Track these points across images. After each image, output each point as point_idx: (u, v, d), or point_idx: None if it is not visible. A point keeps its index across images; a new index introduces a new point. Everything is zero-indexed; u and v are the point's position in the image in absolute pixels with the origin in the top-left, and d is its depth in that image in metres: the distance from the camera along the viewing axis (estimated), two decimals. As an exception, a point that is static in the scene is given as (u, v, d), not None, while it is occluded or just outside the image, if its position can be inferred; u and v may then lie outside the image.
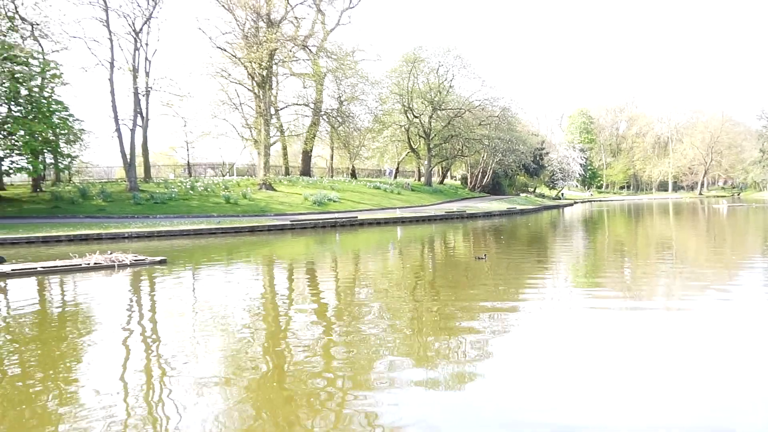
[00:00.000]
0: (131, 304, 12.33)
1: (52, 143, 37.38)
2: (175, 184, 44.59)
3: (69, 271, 16.08)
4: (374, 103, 59.60)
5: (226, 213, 36.32)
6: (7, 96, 35.59)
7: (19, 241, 25.31)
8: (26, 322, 10.64)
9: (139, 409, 6.19)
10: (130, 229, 28.22)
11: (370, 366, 7.57)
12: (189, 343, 8.79)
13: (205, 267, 18.27)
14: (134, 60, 42.88)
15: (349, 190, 49.09)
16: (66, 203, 36.67)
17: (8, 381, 7.30)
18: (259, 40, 43.58)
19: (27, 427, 5.79)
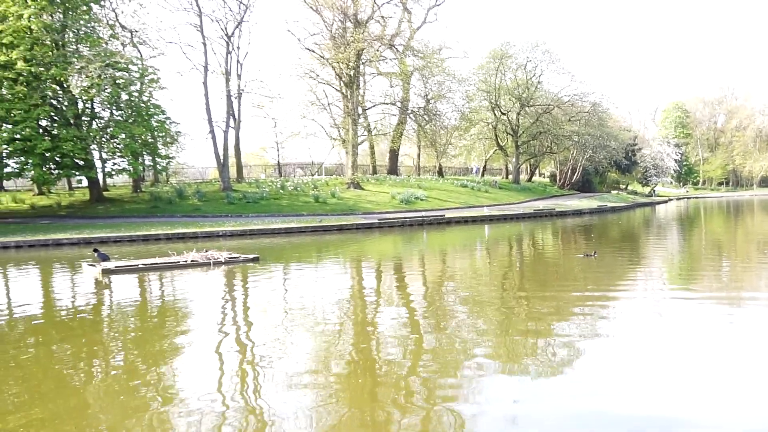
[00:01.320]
0: (225, 301, 12.61)
1: (150, 145, 39.18)
2: (266, 183, 45.75)
3: (168, 268, 16.67)
4: (461, 100, 59.12)
5: (315, 212, 36.86)
6: (109, 101, 37.60)
7: (121, 240, 26.61)
8: (129, 316, 11.05)
9: (233, 402, 6.27)
10: (224, 227, 29.11)
11: (457, 364, 7.40)
12: (280, 338, 8.85)
13: (296, 265, 18.51)
14: (227, 63, 44.31)
15: (436, 189, 48.83)
16: (164, 203, 38.30)
17: (112, 373, 7.54)
18: (347, 41, 44.02)
19: (129, 418, 5.92)
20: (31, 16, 33.17)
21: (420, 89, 55.20)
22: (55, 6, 34.93)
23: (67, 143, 33.71)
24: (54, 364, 7.98)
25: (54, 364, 7.95)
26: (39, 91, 33.89)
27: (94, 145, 37.55)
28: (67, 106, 36.17)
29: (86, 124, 37.64)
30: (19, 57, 32.54)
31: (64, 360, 8.17)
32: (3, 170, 35.85)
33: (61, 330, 10.08)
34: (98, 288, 14.40)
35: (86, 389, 6.92)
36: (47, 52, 34.46)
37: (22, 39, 33.54)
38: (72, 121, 35.90)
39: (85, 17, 38.03)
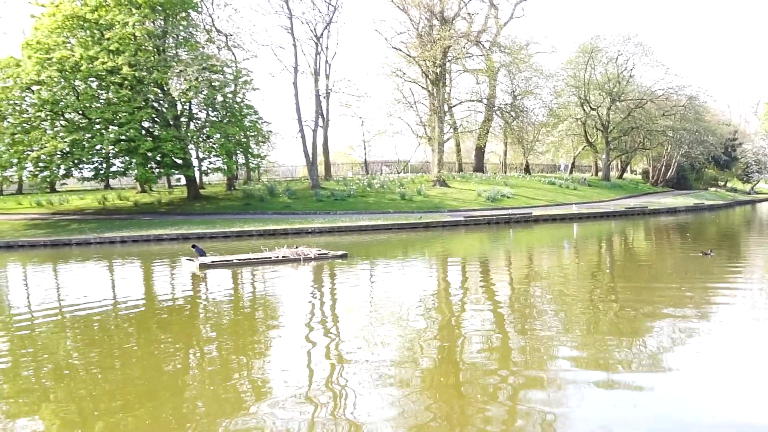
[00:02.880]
0: (314, 296, 12.99)
1: (243, 145, 40.65)
2: (353, 181, 46.47)
3: (260, 263, 17.33)
4: (549, 96, 57.87)
5: (402, 209, 37.13)
6: (206, 103, 39.29)
7: (216, 236, 27.81)
8: (223, 310, 11.61)
9: (321, 396, 6.48)
10: (313, 224, 29.86)
11: (543, 364, 7.36)
12: (366, 334, 9.05)
13: (383, 261, 18.79)
14: (315, 64, 45.31)
15: (523, 186, 48.10)
16: (256, 200, 39.66)
17: (208, 363, 7.98)
18: (433, 38, 44.05)
19: (223, 406, 6.28)
20: (135, 23, 35.11)
21: (507, 85, 54.52)
22: (157, 13, 36.82)
23: (167, 143, 35.51)
24: (153, 353, 8.51)
25: (153, 354, 8.48)
26: (142, 94, 35.85)
27: (192, 145, 39.33)
28: (167, 108, 38.09)
29: (184, 125, 39.50)
30: (124, 62, 34.53)
31: (162, 350, 8.69)
32: (110, 169, 38.15)
33: (160, 321, 10.72)
34: (195, 282, 15.16)
35: (182, 379, 7.36)
36: (149, 57, 36.41)
37: (127, 45, 35.57)
38: (171, 123, 37.79)
39: (184, 23, 39.91)
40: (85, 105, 35.16)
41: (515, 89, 53.86)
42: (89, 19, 36.14)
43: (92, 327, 10.31)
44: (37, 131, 35.07)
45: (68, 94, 35.49)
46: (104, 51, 35.10)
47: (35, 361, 8.25)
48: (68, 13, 35.99)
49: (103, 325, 10.49)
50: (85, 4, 36.38)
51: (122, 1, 36.16)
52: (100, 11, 36.19)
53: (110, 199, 42.13)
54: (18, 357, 8.51)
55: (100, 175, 39.74)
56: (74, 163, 35.52)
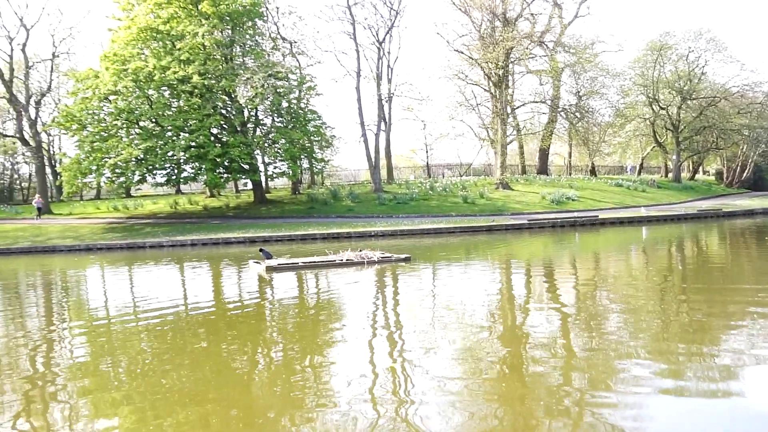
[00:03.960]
0: (378, 299, 13.17)
1: (307, 149, 41.43)
2: (416, 185, 46.62)
3: (325, 266, 17.67)
4: (615, 96, 56.47)
5: (464, 212, 37.02)
6: (271, 109, 40.27)
7: (282, 239, 28.46)
8: (288, 312, 11.93)
9: (383, 399, 6.59)
10: (376, 227, 30.15)
11: (610, 369, 7.23)
12: (429, 337, 9.13)
13: (445, 265, 18.83)
14: (378, 68, 45.73)
15: (589, 188, 47.10)
16: (320, 204, 40.32)
17: (273, 363, 8.26)
18: (495, 40, 43.75)
19: (287, 406, 6.49)
20: (204, 33, 36.33)
21: (571, 86, 53.52)
22: (225, 23, 37.99)
23: (235, 149, 36.58)
24: (221, 353, 8.84)
25: (221, 354, 8.81)
26: (211, 102, 37.06)
27: (258, 150, 40.37)
28: (234, 115, 39.24)
29: (251, 131, 40.59)
30: (194, 71, 35.78)
31: (230, 350, 9.01)
32: (181, 175, 39.57)
33: (228, 322, 11.11)
34: (261, 284, 15.60)
35: (249, 378, 7.63)
36: (218, 65, 37.60)
37: (197, 55, 36.84)
38: (239, 129, 38.89)
39: (250, 32, 41.05)
40: (158, 113, 36.61)
41: (580, 89, 52.84)
42: (162, 30, 37.62)
43: (164, 326, 10.79)
44: (113, 139, 36.73)
45: (142, 103, 37.03)
46: (176, 61, 36.47)
47: (112, 358, 8.71)
48: (142, 26, 37.56)
49: (175, 324, 10.97)
50: (158, 17, 37.87)
51: (192, 13, 37.50)
52: (172, 23, 37.62)
53: (181, 204, 43.69)
54: (97, 354, 9.01)
55: (172, 181, 41.27)
56: (148, 169, 37.02)
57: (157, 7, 38.04)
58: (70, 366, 8.45)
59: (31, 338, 10.46)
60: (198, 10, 37.51)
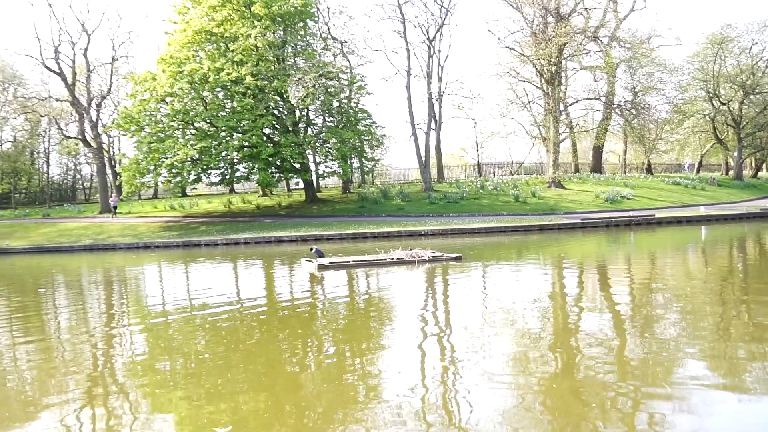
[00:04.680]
0: (428, 298, 13.15)
1: (358, 149, 41.68)
2: (466, 183, 46.37)
3: (375, 264, 17.74)
4: (673, 91, 54.81)
5: (515, 211, 36.61)
6: (322, 108, 40.67)
7: (333, 237, 28.70)
8: (339, 310, 12.02)
9: (432, 399, 6.57)
10: (426, 227, 30.10)
11: (666, 371, 7.03)
12: (479, 337, 9.07)
13: (496, 264, 18.67)
14: (428, 66, 45.63)
15: (645, 187, 45.95)
16: (370, 203, 40.50)
17: (324, 360, 8.34)
18: (548, 36, 43.10)
19: (336, 401, 6.55)
20: (257, 35, 36.94)
21: (627, 82, 52.24)
22: (277, 24, 38.54)
23: (287, 149, 37.07)
24: (273, 349, 8.97)
25: (273, 350, 8.94)
26: (263, 102, 37.65)
27: (309, 150, 40.83)
28: (286, 115, 39.77)
29: (302, 131, 41.08)
30: (247, 73, 36.42)
31: (282, 346, 9.14)
32: (234, 174, 40.37)
33: (280, 319, 11.27)
34: (313, 282, 15.77)
35: (301, 374, 7.72)
36: (270, 66, 38.16)
37: (250, 56, 37.48)
38: (290, 129, 39.40)
39: (302, 32, 41.53)
40: (212, 114, 37.39)
41: (636, 85, 51.54)
42: (216, 33, 38.42)
43: (219, 323, 11.02)
44: (170, 140, 37.68)
45: (197, 104, 37.89)
46: (229, 62, 37.18)
47: (169, 353, 8.96)
48: (197, 29, 38.43)
49: (229, 321, 11.18)
50: (212, 19, 38.68)
51: (245, 14, 38.15)
52: (226, 25, 38.37)
53: (235, 203, 44.55)
54: (154, 349, 9.28)
55: (226, 180, 42.13)
56: (203, 168, 37.86)
57: (211, 9, 38.86)
58: (130, 360, 8.72)
59: (93, 333, 10.85)
60: (251, 12, 38.15)
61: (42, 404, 6.81)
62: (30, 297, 16.05)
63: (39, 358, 8.98)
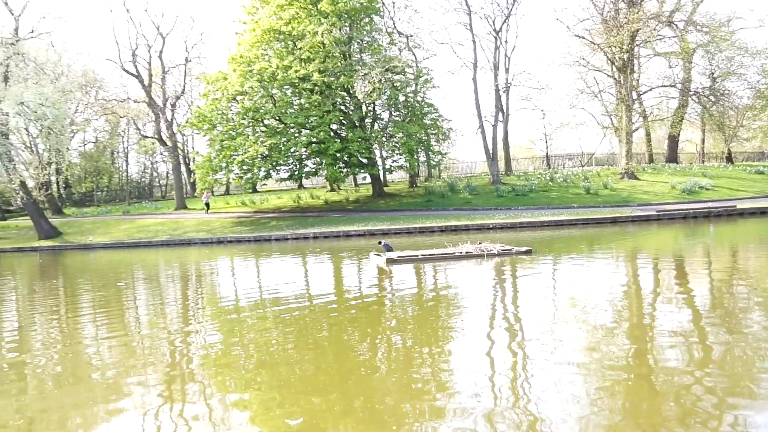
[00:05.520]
0: (498, 292, 12.99)
1: (424, 143, 41.58)
2: (535, 176, 45.59)
3: (444, 258, 17.68)
4: (756, 76, 52.13)
5: (586, 204, 35.73)
6: (388, 103, 40.77)
7: (400, 231, 28.76)
8: (408, 304, 12.03)
9: (502, 396, 6.49)
10: (494, 220, 29.77)
11: (749, 370, 6.67)
12: (550, 333, 8.89)
13: (567, 258, 18.28)
14: (494, 58, 45.06)
15: (725, 177, 43.95)
16: (437, 197, 40.37)
17: (393, 354, 8.36)
18: (620, 23, 41.78)
19: (406, 395, 6.55)
20: (323, 32, 37.36)
21: (704, 67, 50.03)
22: (343, 21, 38.85)
23: (354, 144, 37.39)
24: (343, 343, 9.06)
25: (343, 343, 9.03)
26: (330, 98, 38.08)
27: (376, 145, 41.04)
28: (353, 110, 40.08)
29: (369, 126, 41.31)
30: (314, 69, 36.90)
31: (351, 340, 9.21)
32: (303, 170, 41.04)
33: (350, 313, 11.38)
34: (381, 276, 15.84)
35: (370, 368, 7.74)
36: (336, 63, 38.54)
37: (317, 53, 37.96)
38: (357, 124, 39.69)
39: (367, 28, 41.72)
40: (281, 111, 38.09)
41: (714, 71, 49.29)
42: (283, 31, 39.09)
43: (289, 316, 11.22)
44: (241, 137, 38.63)
45: (267, 102, 38.67)
46: (297, 60, 37.77)
47: (242, 345, 9.19)
48: (266, 28, 39.20)
49: (299, 314, 11.37)
50: (280, 18, 39.37)
51: (312, 12, 38.62)
52: (293, 23, 38.97)
53: (303, 198, 45.29)
54: (227, 342, 9.53)
55: (295, 176, 42.88)
56: (272, 165, 38.65)
57: (279, 9, 39.54)
58: (205, 351, 9.00)
59: (170, 325, 11.26)
60: (317, 10, 38.59)
61: (123, 393, 7.11)
62: (111, 291, 16.78)
63: (120, 349, 9.38)
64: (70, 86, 46.14)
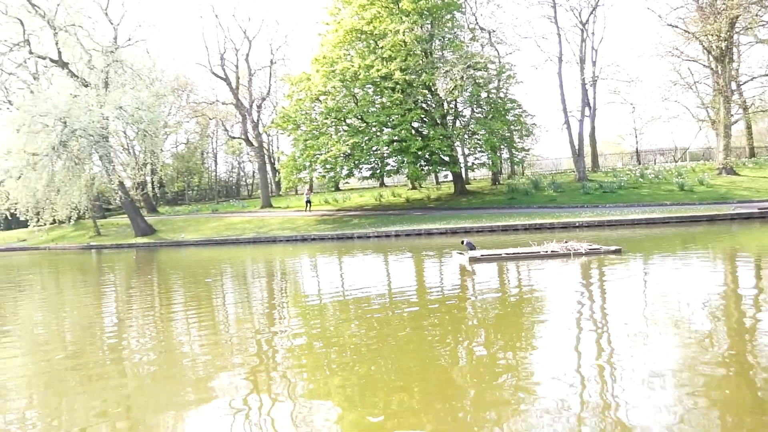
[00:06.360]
0: (584, 292, 12.53)
1: (507, 139, 40.88)
2: (623, 172, 43.94)
3: (528, 257, 17.26)
4: None
5: (680, 201, 34.07)
6: (470, 100, 40.33)
7: (483, 229, 28.37)
8: (491, 304, 11.79)
9: (590, 399, 6.24)
10: (580, 218, 28.86)
11: None
12: (639, 335, 8.47)
13: (659, 257, 17.44)
14: (581, 51, 43.72)
15: (838, 170, 40.89)
16: (520, 194, 39.58)
17: (475, 354, 8.18)
18: (717, 9, 39.56)
19: (488, 395, 6.41)
20: (405, 30, 37.36)
21: (813, 54, 46.78)
22: (424, 18, 38.73)
23: (435, 141, 37.20)
24: (425, 341, 8.95)
25: (424, 341, 8.92)
26: (412, 96, 38.05)
27: (458, 142, 40.70)
28: (434, 108, 39.88)
29: (451, 123, 41.00)
30: (396, 68, 36.96)
31: (433, 338, 9.09)
32: (384, 168, 41.20)
33: (432, 312, 11.24)
34: (464, 274, 15.63)
35: (451, 367, 7.63)
36: (418, 60, 38.46)
37: (398, 52, 38.00)
38: (439, 121, 39.47)
39: (449, 24, 41.42)
40: (363, 110, 38.39)
41: (824, 58, 45.97)
42: (365, 31, 39.37)
43: (371, 314, 11.23)
44: (324, 137, 39.23)
45: (349, 101, 39.09)
46: (378, 59, 37.95)
47: (324, 342, 9.26)
48: (348, 28, 39.59)
49: (381, 312, 11.36)
50: (362, 18, 39.67)
51: (394, 11, 38.71)
52: (375, 23, 39.18)
53: (385, 196, 45.51)
54: (311, 338, 9.62)
55: (376, 174, 43.14)
56: (355, 164, 39.03)
57: (361, 9, 39.86)
58: (290, 347, 9.13)
59: (256, 321, 11.51)
60: (399, 8, 38.63)
61: (212, 386, 7.31)
62: (201, 287, 17.37)
63: (209, 345, 9.67)
64: (163, 90, 48.33)
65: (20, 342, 10.59)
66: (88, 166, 42.43)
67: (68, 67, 40.88)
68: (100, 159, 40.98)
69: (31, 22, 39.94)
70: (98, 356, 9.32)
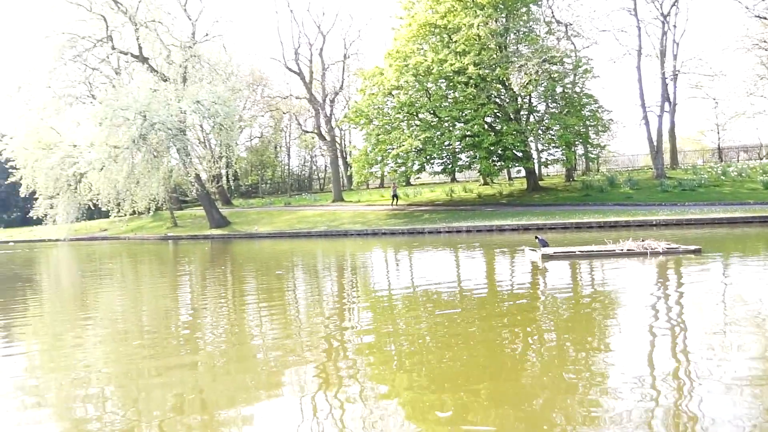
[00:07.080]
0: (661, 293, 12.25)
1: (582, 135, 40.00)
2: (704, 170, 42.27)
3: (603, 256, 16.96)
4: None
5: (764, 200, 32.53)
6: (545, 95, 39.67)
7: (555, 226, 27.98)
8: (563, 302, 11.67)
9: (663, 399, 6.15)
10: (658, 216, 28.04)
11: None
12: (717, 337, 8.26)
13: (741, 258, 16.81)
14: (661, 44, 42.26)
15: None
16: (595, 191, 38.71)
17: (545, 352, 8.18)
18: (811, -1, 37.49)
19: (557, 393, 6.41)
20: (479, 24, 37.08)
21: None
22: (499, 12, 38.32)
23: (509, 137, 36.83)
24: (494, 337, 8.99)
25: (494, 338, 8.96)
26: (485, 91, 37.76)
27: (531, 138, 40.13)
28: (508, 103, 39.44)
29: (524, 118, 40.47)
30: (470, 62, 36.76)
31: (503, 335, 9.11)
32: (456, 164, 41.10)
33: (502, 308, 11.24)
34: (536, 272, 15.52)
35: (521, 364, 7.65)
36: (492, 55, 38.12)
37: (472, 46, 37.78)
38: (512, 116, 39.03)
39: (524, 18, 40.83)
40: (435, 105, 38.38)
41: None
42: (439, 25, 39.32)
43: (441, 309, 11.34)
44: (396, 131, 39.45)
45: (421, 96, 39.14)
46: (452, 53, 37.84)
47: (393, 336, 9.45)
48: (421, 22, 39.64)
49: (451, 308, 11.46)
50: (436, 12, 39.62)
51: (468, 5, 38.48)
52: (449, 17, 39.06)
53: (456, 192, 45.42)
54: (380, 332, 9.83)
55: (448, 170, 43.07)
56: (426, 159, 39.11)
57: (435, 2, 39.81)
58: (359, 341, 9.37)
59: (326, 314, 11.82)
60: (473, 2, 38.37)
61: (282, 378, 7.63)
62: (273, 279, 17.90)
63: (280, 337, 10.01)
64: (239, 85, 49.68)
65: (103, 330, 11.23)
66: (166, 159, 44.17)
67: (148, 62, 42.61)
68: (177, 152, 42.58)
69: (113, 19, 41.76)
70: (174, 346, 9.80)
